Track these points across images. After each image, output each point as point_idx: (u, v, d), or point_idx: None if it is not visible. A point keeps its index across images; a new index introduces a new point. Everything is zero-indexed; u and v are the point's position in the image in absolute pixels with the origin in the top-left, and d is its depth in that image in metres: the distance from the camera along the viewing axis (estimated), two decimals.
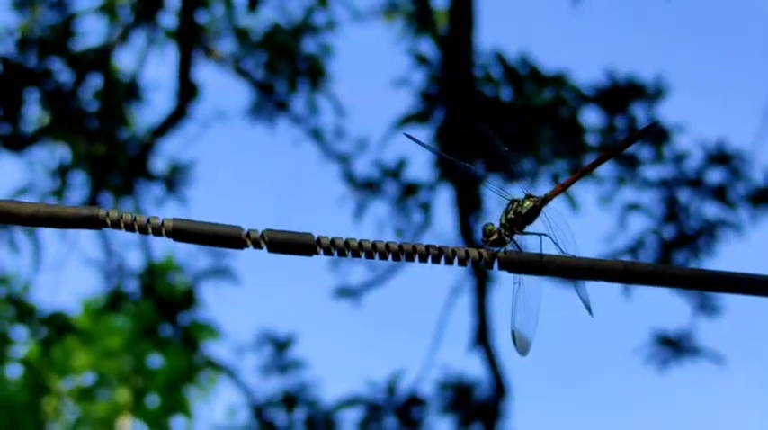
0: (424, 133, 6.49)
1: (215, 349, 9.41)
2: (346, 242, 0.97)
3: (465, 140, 6.15)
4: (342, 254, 0.95)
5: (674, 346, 6.71)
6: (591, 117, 6.54)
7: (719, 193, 6.43)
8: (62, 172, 6.48)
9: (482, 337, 6.80)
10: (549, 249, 1.14)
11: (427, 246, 1.00)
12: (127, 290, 7.09)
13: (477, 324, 6.81)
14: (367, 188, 7.04)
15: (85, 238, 6.73)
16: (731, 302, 6.74)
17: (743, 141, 6.57)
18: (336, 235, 0.98)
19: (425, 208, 7.05)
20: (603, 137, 6.51)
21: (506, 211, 1.14)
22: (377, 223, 7.22)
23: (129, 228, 0.96)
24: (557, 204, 1.25)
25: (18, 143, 6.16)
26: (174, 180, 6.93)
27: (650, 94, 6.50)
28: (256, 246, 0.97)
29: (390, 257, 0.98)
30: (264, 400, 7.59)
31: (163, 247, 9.41)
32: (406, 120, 6.46)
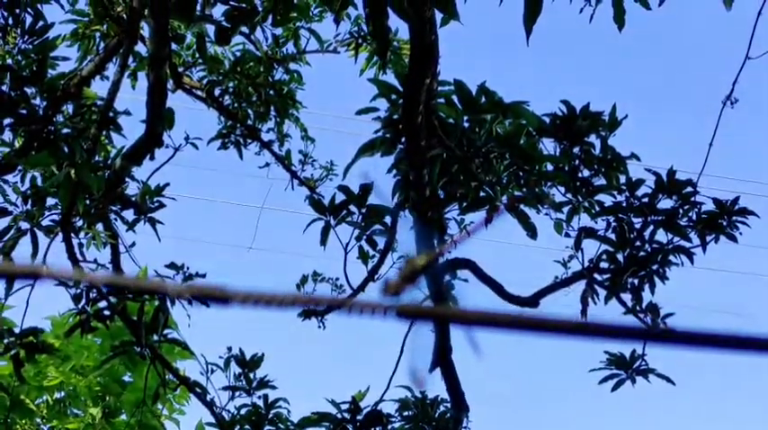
0: (387, 160, 6.70)
1: (185, 368, 9.56)
2: (261, 294, 1.11)
3: (425, 166, 6.36)
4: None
5: (626, 368, 6.94)
6: (548, 146, 6.78)
7: (670, 220, 6.68)
8: (35, 197, 6.65)
9: (443, 357, 6.98)
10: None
11: (330, 299, 1.14)
12: (97, 309, 7.23)
13: (438, 344, 7.00)
14: (333, 212, 7.22)
15: (56, 258, 6.89)
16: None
17: (692, 171, 6.85)
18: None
19: (389, 232, 7.24)
20: (560, 165, 6.75)
21: (403, 267, 1.29)
22: (343, 246, 7.42)
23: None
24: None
25: None
26: (145, 205, 7.11)
27: (605, 124, 6.75)
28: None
29: (304, 305, 1.13)
30: (232, 419, 7.73)
31: (133, 267, 9.58)
32: (370, 147, 6.67)
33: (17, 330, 6.82)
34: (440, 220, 7.07)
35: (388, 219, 7.22)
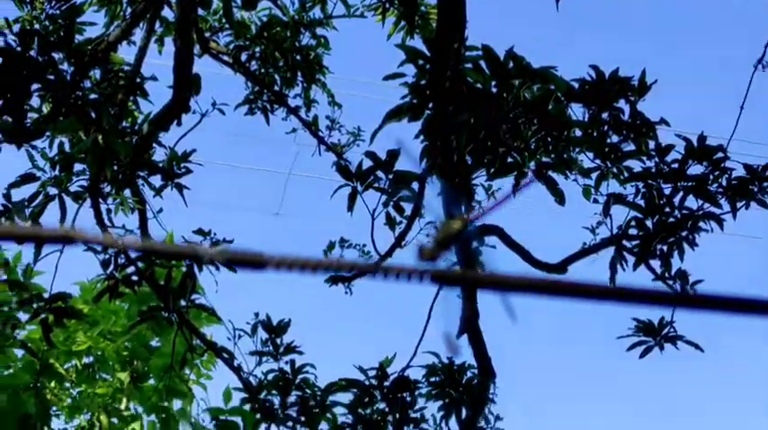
0: (414, 126, 6.66)
1: (212, 333, 9.61)
2: (295, 259, 1.02)
3: (452, 132, 6.33)
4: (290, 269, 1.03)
5: (655, 334, 6.91)
6: (577, 112, 6.72)
7: (700, 186, 6.62)
8: (63, 162, 6.66)
9: (471, 323, 6.97)
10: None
11: (365, 264, 1.04)
12: (125, 275, 7.25)
13: (465, 310, 6.98)
14: (360, 178, 7.20)
15: (84, 224, 6.91)
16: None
17: (721, 136, 6.78)
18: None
19: (416, 198, 7.22)
20: (589, 130, 6.70)
21: (438, 231, 1.23)
22: (370, 212, 7.41)
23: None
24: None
25: (22, 135, 6.35)
26: (172, 170, 7.11)
27: (635, 89, 6.68)
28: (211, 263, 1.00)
29: (338, 271, 1.07)
30: (259, 384, 7.75)
31: (160, 233, 9.60)
32: (397, 113, 6.63)
33: (46, 295, 6.85)
34: (467, 186, 7.04)
35: (415, 185, 7.19)
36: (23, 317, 7.57)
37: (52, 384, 10.15)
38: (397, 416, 7.47)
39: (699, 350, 6.87)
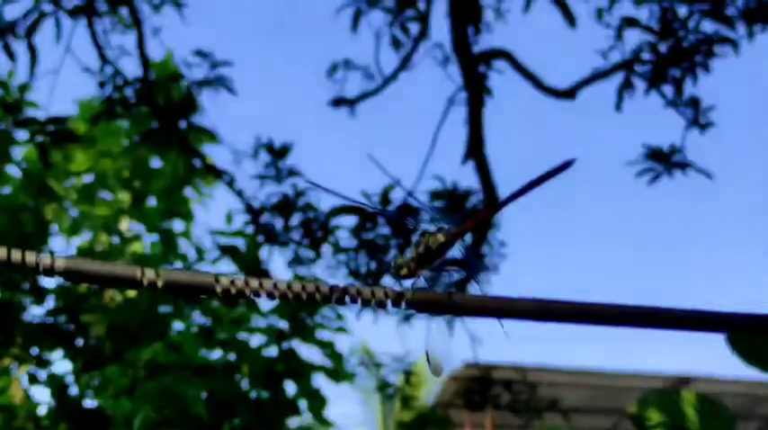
0: None
1: (213, 155, 9.50)
2: (246, 282, 0.92)
3: None
4: (241, 296, 0.90)
5: (664, 161, 6.78)
6: None
7: (716, 9, 6.41)
8: None
9: (476, 149, 6.87)
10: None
11: (331, 287, 0.94)
12: (124, 96, 7.07)
13: (471, 136, 6.87)
14: None
15: (80, 47, 6.71)
16: (723, 119, 6.81)
17: None
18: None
19: (422, 18, 7.02)
20: None
21: (417, 245, 1.10)
22: (374, 33, 7.23)
23: (19, 269, 0.89)
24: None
25: None
26: None
27: None
28: (151, 286, 0.91)
29: (291, 298, 0.92)
30: (261, 207, 7.67)
31: (160, 52, 9.40)
32: None
33: (43, 117, 6.67)
34: (476, 6, 6.83)
35: (422, 5, 6.99)
36: (21, 135, 7.43)
37: (51, 205, 10.08)
38: (401, 240, 7.42)
39: (708, 178, 6.75)
